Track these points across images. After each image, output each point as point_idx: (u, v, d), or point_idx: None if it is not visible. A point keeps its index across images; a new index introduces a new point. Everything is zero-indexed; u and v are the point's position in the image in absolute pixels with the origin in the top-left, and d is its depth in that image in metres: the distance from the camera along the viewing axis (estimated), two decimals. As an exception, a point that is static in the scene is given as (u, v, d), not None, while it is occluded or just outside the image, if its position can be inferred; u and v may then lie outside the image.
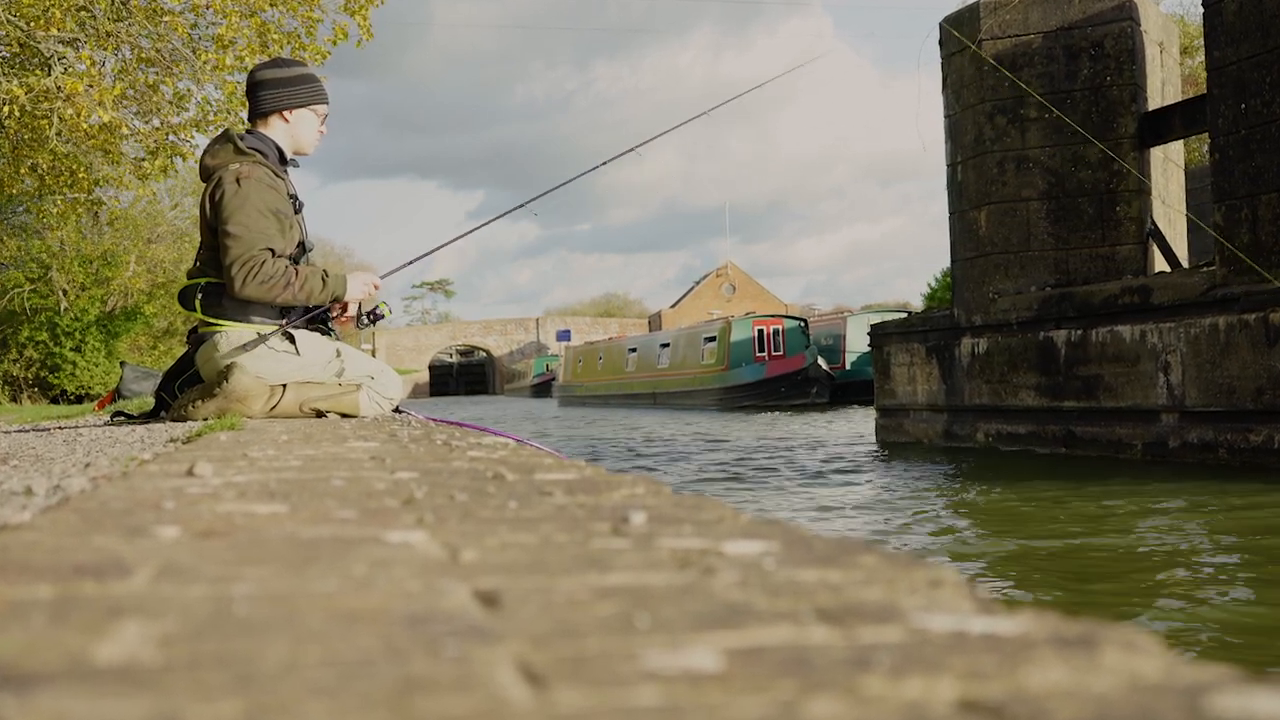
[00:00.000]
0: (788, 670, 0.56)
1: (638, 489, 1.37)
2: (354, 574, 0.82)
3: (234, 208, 4.17)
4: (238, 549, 0.95)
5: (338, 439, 2.60)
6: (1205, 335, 8.88)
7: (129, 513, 1.20)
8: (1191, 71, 26.78)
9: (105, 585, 0.78)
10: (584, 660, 0.58)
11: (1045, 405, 10.60)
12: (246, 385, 4.14)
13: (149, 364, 28.05)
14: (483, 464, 1.80)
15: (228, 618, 0.68)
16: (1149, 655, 0.59)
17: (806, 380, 30.16)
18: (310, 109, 4.49)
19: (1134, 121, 10.86)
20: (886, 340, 13.17)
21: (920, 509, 7.36)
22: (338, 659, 0.58)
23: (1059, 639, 0.62)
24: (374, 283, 4.59)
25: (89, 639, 0.62)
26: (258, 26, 11.74)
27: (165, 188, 27.28)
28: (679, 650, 0.60)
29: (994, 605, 0.71)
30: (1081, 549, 5.54)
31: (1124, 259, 10.89)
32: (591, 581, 0.79)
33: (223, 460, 1.90)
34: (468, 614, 0.69)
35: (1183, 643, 3.72)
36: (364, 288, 4.52)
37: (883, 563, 0.84)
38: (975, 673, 0.56)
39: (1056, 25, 11.04)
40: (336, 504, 1.27)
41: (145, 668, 0.57)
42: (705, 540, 0.96)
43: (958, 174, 11.83)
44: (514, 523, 1.09)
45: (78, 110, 10.68)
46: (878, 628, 0.65)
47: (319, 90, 4.52)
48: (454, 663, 0.58)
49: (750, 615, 0.68)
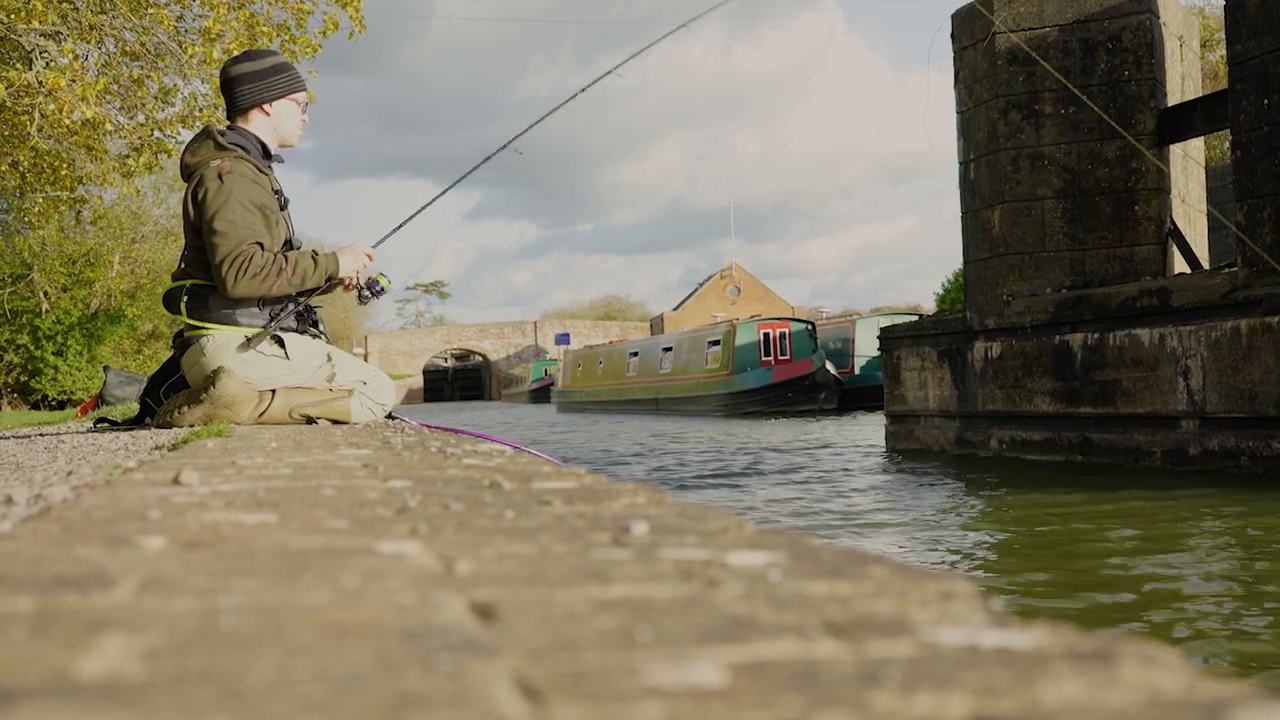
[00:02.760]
0: (795, 686, 0.56)
1: (639, 498, 1.37)
2: (345, 586, 0.83)
3: (218, 204, 4.16)
4: (225, 560, 0.95)
5: (328, 446, 2.60)
6: (1226, 339, 8.88)
7: (112, 522, 1.20)
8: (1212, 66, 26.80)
9: (88, 597, 0.78)
10: (583, 675, 0.58)
11: (1061, 411, 10.60)
12: (234, 390, 4.14)
13: (133, 368, 28.07)
14: (478, 472, 1.80)
15: (214, 631, 0.68)
16: (1168, 670, 0.59)
17: (814, 385, 30.15)
18: (290, 99, 4.48)
19: (1153, 117, 10.87)
20: (897, 344, 13.17)
21: (931, 519, 7.35)
22: (328, 674, 0.58)
23: (1075, 653, 0.62)
24: (366, 253, 4.53)
25: (71, 653, 0.62)
26: (246, 19, 11.75)
27: (150, 183, 27.28)
28: (682, 665, 0.60)
29: (1008, 618, 0.71)
30: (1098, 560, 5.53)
31: (1142, 260, 10.89)
32: (591, 594, 0.79)
33: (210, 468, 1.90)
34: (463, 627, 0.69)
35: (1203, 657, 3.72)
36: (357, 260, 4.47)
37: (893, 574, 0.84)
38: (988, 688, 0.56)
39: (1073, 18, 11.05)
40: (327, 513, 1.27)
41: (129, 683, 0.57)
42: (709, 551, 0.96)
43: (970, 172, 11.83)
44: (511, 533, 1.09)
45: (60, 106, 10.69)
46: (888, 641, 0.65)
47: (296, 78, 4.51)
48: (449, 678, 0.58)
49: (756, 629, 0.68)
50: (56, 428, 5.90)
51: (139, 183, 14.50)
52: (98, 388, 18.65)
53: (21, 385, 27.35)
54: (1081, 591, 4.85)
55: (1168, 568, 5.30)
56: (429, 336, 79.23)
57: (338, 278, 4.42)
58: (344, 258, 4.42)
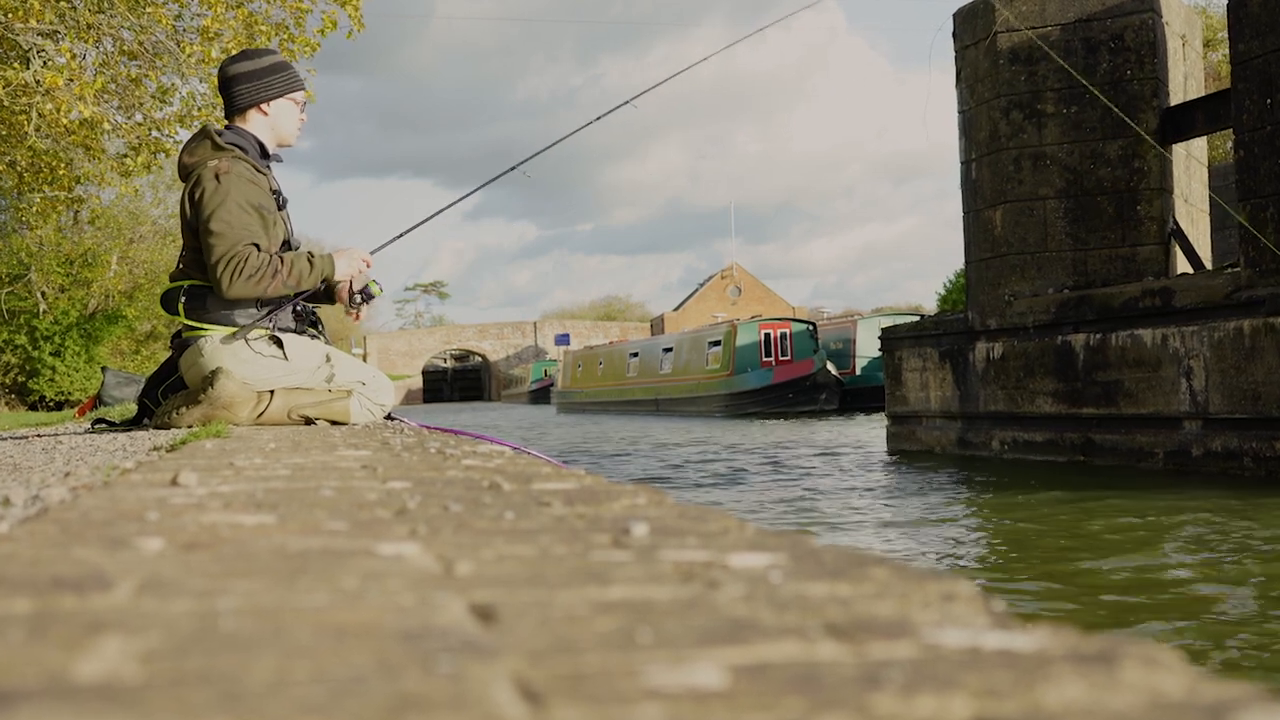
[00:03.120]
0: (795, 688, 0.56)
1: (639, 499, 1.37)
2: (344, 587, 0.83)
3: (214, 204, 4.16)
4: (223, 561, 0.95)
5: (327, 447, 2.60)
6: (1229, 339, 8.88)
7: (110, 524, 1.20)
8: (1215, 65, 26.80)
9: (85, 599, 0.78)
10: (583, 677, 0.58)
11: (1063, 412, 10.60)
12: (232, 391, 4.14)
13: (131, 369, 28.06)
14: (478, 473, 1.81)
15: (213, 633, 0.68)
16: (1171, 672, 0.59)
17: (815, 386, 30.15)
18: (288, 98, 4.48)
19: (1155, 117, 10.87)
20: (898, 344, 13.17)
21: (933, 520, 7.36)
22: (328, 676, 0.59)
23: (1077, 655, 0.62)
24: (364, 258, 4.52)
25: (68, 655, 0.62)
26: (244, 18, 11.76)
27: (148, 183, 27.28)
28: (682, 667, 0.60)
29: (1010, 620, 0.71)
30: (1100, 561, 5.53)
31: (1145, 260, 10.89)
32: (591, 595, 0.79)
33: (208, 469, 1.90)
34: (463, 629, 0.69)
35: (1206, 659, 3.72)
36: (353, 264, 4.46)
37: (894, 576, 0.84)
38: (990, 690, 0.56)
39: (1075, 17, 11.05)
40: (326, 515, 1.27)
41: (127, 685, 0.57)
42: (709, 553, 0.96)
43: (972, 172, 11.83)
44: (511, 534, 1.09)
45: (57, 105, 10.69)
46: (889, 643, 0.65)
47: (294, 77, 4.51)
48: (448, 680, 0.58)
49: (756, 630, 0.68)
50: (54, 428, 5.90)
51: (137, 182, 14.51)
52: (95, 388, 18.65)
53: (19, 386, 27.34)
54: (1083, 593, 4.85)
55: (1169, 570, 5.30)
56: (428, 337, 79.24)
57: (334, 280, 4.42)
58: (340, 261, 4.42)
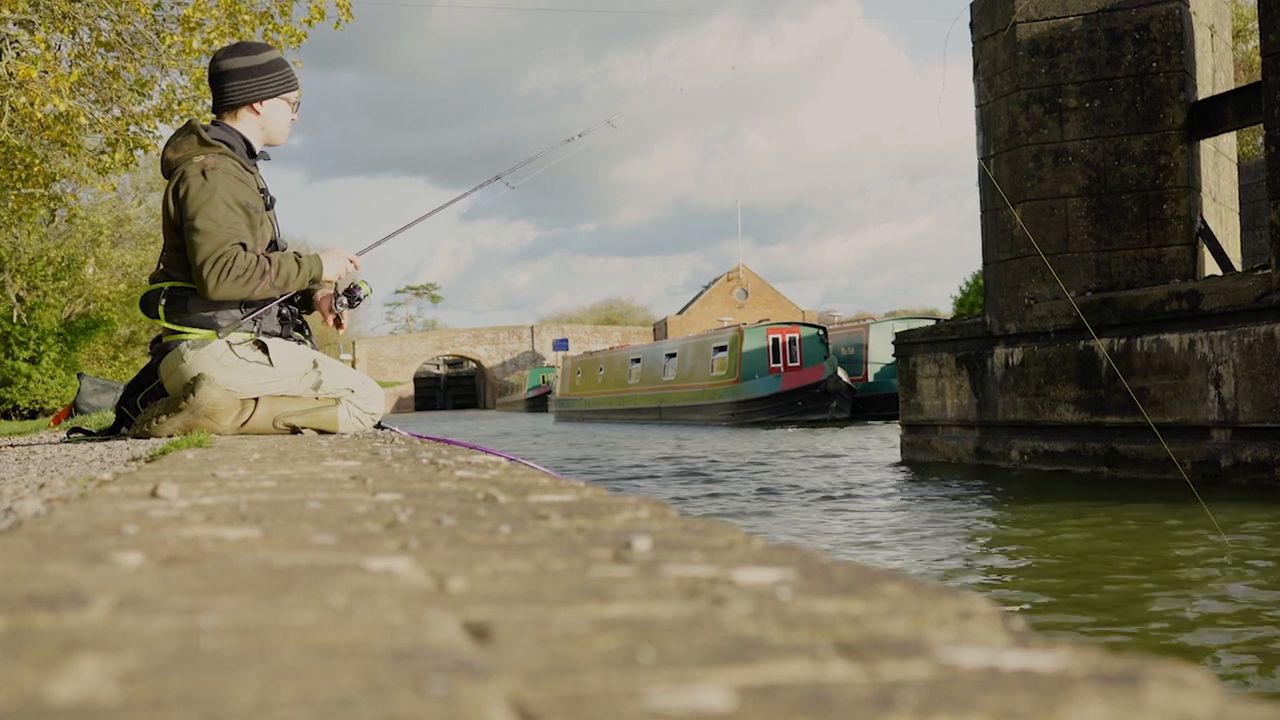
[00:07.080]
0: (805, 709, 0.56)
1: (641, 512, 1.37)
2: (332, 604, 0.83)
3: (200, 202, 4.17)
4: (205, 577, 0.95)
5: (314, 457, 2.60)
6: (1260, 345, 8.87)
7: (87, 538, 1.20)
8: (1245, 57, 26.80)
9: (61, 617, 0.78)
10: (583, 699, 0.58)
11: (1085, 421, 10.59)
12: (215, 399, 4.14)
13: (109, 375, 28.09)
14: (472, 485, 1.81)
15: (194, 652, 0.68)
16: (1198, 693, 0.59)
17: (825, 394, 30.13)
18: (282, 98, 4.50)
19: (1182, 111, 10.87)
20: (913, 350, 13.17)
21: (949, 534, 7.35)
22: (314, 697, 0.59)
23: (1100, 675, 0.62)
24: (350, 259, 4.57)
25: (43, 675, 0.62)
26: (227, 6, 11.77)
27: (129, 182, 27.33)
28: (686, 688, 0.60)
29: (1029, 639, 0.71)
30: (1124, 577, 5.53)
31: (1171, 261, 10.89)
32: (591, 613, 0.79)
33: (189, 480, 1.90)
34: (456, 648, 0.69)
35: (1235, 680, 3.71)
36: (340, 265, 4.51)
37: (909, 592, 0.84)
38: (1009, 712, 0.56)
39: (1098, 6, 11.06)
40: (313, 528, 1.27)
41: (104, 707, 0.57)
42: (715, 568, 0.96)
43: (990, 168, 11.84)
44: (506, 549, 1.09)
45: (31, 98, 10.71)
46: (903, 663, 0.65)
47: (290, 76, 4.53)
48: (441, 701, 0.58)
49: (764, 649, 0.68)
50: (28, 438, 5.91)
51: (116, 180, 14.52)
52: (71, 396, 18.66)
53: (-9, 394, 27.35)
54: (1107, 611, 4.85)
55: (1197, 586, 5.30)
56: (420, 342, 79.27)
57: (323, 280, 4.44)
58: (328, 262, 4.44)
